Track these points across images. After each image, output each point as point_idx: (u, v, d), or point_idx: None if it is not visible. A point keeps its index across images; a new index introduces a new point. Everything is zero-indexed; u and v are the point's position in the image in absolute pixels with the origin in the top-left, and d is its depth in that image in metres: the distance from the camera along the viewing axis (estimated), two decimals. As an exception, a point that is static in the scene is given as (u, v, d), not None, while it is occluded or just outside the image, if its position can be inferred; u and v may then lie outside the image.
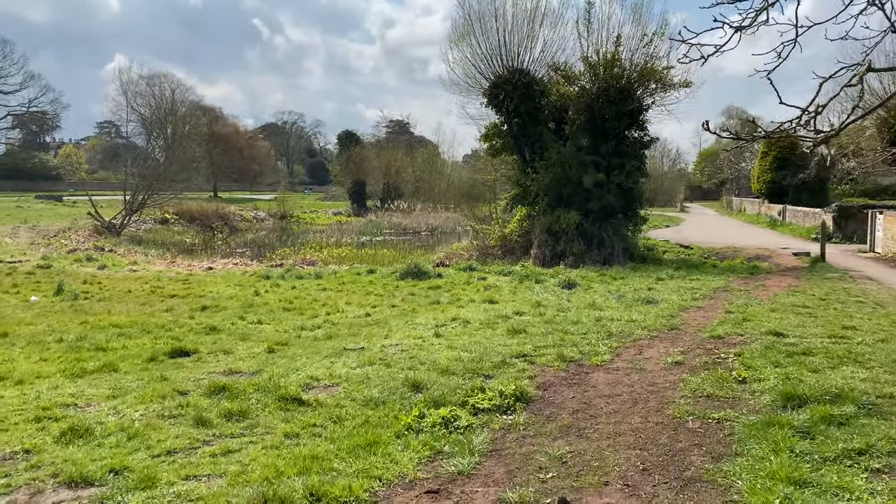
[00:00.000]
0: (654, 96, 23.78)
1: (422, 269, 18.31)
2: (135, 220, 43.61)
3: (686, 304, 12.55)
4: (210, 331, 10.78)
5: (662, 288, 15.27)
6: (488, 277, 18.05)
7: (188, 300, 14.74)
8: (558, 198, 23.83)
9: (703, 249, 27.54)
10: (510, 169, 28.69)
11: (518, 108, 24.17)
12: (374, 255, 29.85)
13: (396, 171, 71.68)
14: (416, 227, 52.98)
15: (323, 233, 46.71)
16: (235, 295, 15.38)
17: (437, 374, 7.15)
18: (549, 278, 17.35)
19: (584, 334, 9.22)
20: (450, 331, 10.01)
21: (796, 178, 45.25)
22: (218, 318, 12.37)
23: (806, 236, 32.24)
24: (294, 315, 12.66)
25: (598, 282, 16.81)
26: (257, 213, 62.08)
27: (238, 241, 42.46)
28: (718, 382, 6.74)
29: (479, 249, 26.94)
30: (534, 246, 24.48)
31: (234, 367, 7.86)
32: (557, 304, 12.36)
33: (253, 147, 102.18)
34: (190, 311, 13.14)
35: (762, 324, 9.70)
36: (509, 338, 9.11)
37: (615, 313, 11.09)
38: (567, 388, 6.76)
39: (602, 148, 23.05)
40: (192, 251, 34.24)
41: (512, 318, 10.98)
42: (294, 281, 18.16)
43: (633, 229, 23.85)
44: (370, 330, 10.69)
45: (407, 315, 12.16)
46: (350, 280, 17.96)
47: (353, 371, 7.43)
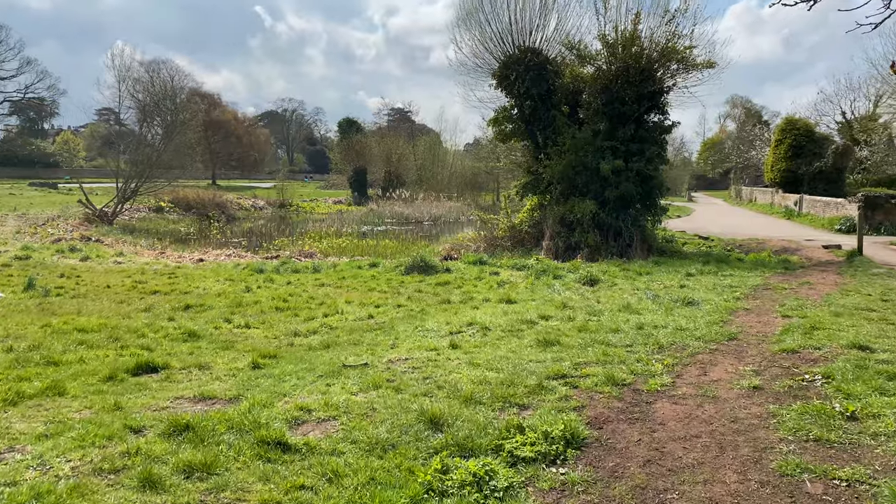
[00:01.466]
0: (675, 78, 22.20)
1: (428, 262, 16.84)
2: (128, 209, 42.19)
3: (731, 305, 11.08)
4: (189, 337, 9.32)
5: (696, 285, 13.80)
6: (501, 272, 16.58)
7: (171, 297, 13.28)
8: (572, 186, 22.34)
9: (724, 241, 26.07)
10: (520, 155, 27.20)
11: (530, 90, 22.64)
12: (375, 247, 28.37)
13: (398, 159, 70.11)
14: (418, 216, 51.44)
15: (323, 222, 45.20)
16: (224, 291, 13.91)
17: (460, 404, 5.68)
18: (567, 273, 15.88)
19: (628, 346, 7.75)
20: (468, 340, 8.54)
21: (812, 166, 43.64)
22: (201, 319, 10.91)
23: (828, 227, 30.73)
24: (287, 317, 11.19)
25: (622, 278, 15.34)
26: (256, 202, 60.53)
27: (235, 230, 40.97)
28: (821, 419, 5.27)
29: (487, 241, 25.44)
30: (546, 237, 22.98)
31: (208, 390, 6.39)
32: (586, 306, 10.87)
33: (252, 134, 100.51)
34: (171, 311, 11.68)
35: (836, 334, 8.22)
36: (541, 351, 7.63)
37: (656, 318, 9.62)
38: (628, 426, 5.30)
39: (620, 133, 21.54)
40: (185, 241, 32.77)
41: (538, 323, 9.50)
42: (289, 275, 16.69)
43: (652, 220, 22.34)
44: (374, 337, 9.22)
45: (415, 318, 10.69)
46: (351, 274, 16.50)
47: (355, 398, 5.97)
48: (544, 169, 22.35)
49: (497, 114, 24.69)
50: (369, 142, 72.25)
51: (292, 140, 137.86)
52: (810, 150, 44.19)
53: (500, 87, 23.71)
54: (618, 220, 21.48)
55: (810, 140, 44.75)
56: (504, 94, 24.05)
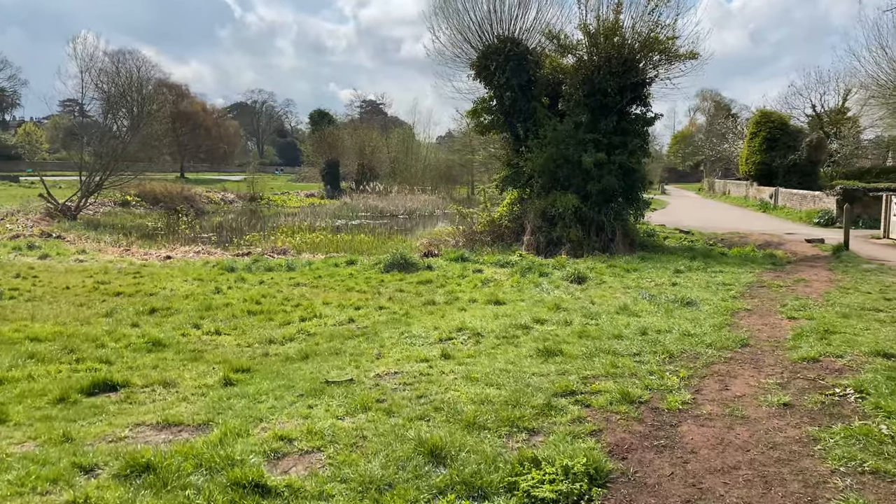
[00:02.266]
0: (657, 69, 21.72)
1: (409, 259, 16.13)
2: (92, 203, 40.69)
3: (730, 305, 10.56)
4: (153, 346, 8.51)
5: (688, 283, 13.30)
6: (485, 269, 15.93)
7: (136, 300, 12.40)
8: (554, 179, 21.77)
9: (705, 235, 25.74)
10: (499, 148, 26.56)
11: (510, 80, 21.98)
12: (350, 242, 27.54)
13: (371, 152, 69.07)
14: (393, 210, 50.63)
15: (295, 216, 44.13)
16: (192, 293, 13.06)
17: (462, 430, 5.01)
18: (553, 270, 15.30)
19: (636, 356, 7.14)
20: (460, 348, 7.87)
21: (787, 159, 43.70)
22: (167, 325, 10.09)
23: (806, 221, 30.61)
24: (261, 321, 10.41)
25: (610, 275, 14.79)
26: (225, 195, 59.14)
27: (204, 224, 39.77)
28: (871, 445, 4.70)
29: (466, 235, 24.76)
30: (527, 232, 22.38)
31: (174, 414, 5.64)
32: (581, 308, 10.26)
33: (221, 126, 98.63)
34: (135, 316, 10.83)
35: (854, 339, 7.71)
36: (542, 362, 6.99)
37: (658, 321, 9.04)
38: (655, 455, 4.67)
39: (602, 125, 20.99)
40: (152, 236, 31.61)
41: (533, 328, 8.86)
42: (262, 274, 15.87)
43: (635, 214, 21.87)
44: (356, 345, 8.50)
45: (400, 322, 9.98)
46: (327, 273, 15.73)
47: (341, 424, 5.26)
48: (525, 162, 21.74)
49: (476, 105, 24.01)
50: (342, 134, 71.09)
51: (262, 132, 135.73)
52: (784, 143, 44.26)
53: (479, 78, 23.01)
54: (600, 215, 20.98)
55: (785, 133, 44.84)
56: (483, 85, 23.36)
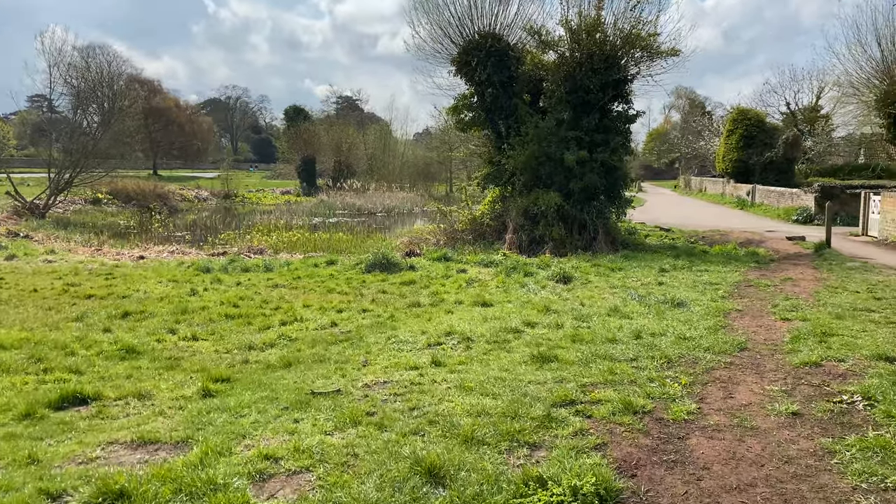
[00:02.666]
0: (639, 65, 21.61)
1: (391, 259, 15.78)
2: (62, 201, 39.74)
3: (720, 306, 10.39)
4: (127, 354, 8.10)
5: (674, 282, 13.14)
6: (468, 269, 15.65)
7: (108, 303, 11.93)
8: (536, 177, 21.58)
9: (685, 233, 25.72)
10: (481, 145, 26.29)
11: (491, 76, 21.73)
12: (329, 241, 27.12)
13: (348, 149, 68.40)
14: (371, 207, 50.18)
15: (271, 214, 43.53)
16: (167, 295, 12.61)
17: (460, 446, 4.72)
18: (537, 270, 15.06)
19: (633, 361, 6.90)
20: (450, 354, 7.57)
21: (763, 157, 43.99)
22: (141, 330, 9.66)
23: (784, 218, 30.76)
24: (239, 325, 10.01)
25: (595, 274, 14.60)
26: (199, 193, 58.23)
27: (178, 223, 39.05)
28: (888, 457, 4.49)
29: (448, 234, 24.48)
30: (509, 230, 22.17)
31: (150, 430, 5.27)
32: (571, 310, 10.01)
33: (195, 122, 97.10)
34: (107, 320, 10.38)
35: (852, 342, 7.55)
36: (537, 368, 6.72)
37: (650, 324, 8.82)
38: (666, 472, 4.41)
39: (584, 122, 20.83)
40: (125, 235, 30.89)
41: (524, 332, 8.59)
42: (239, 275, 15.43)
43: (617, 212, 21.74)
44: (341, 351, 8.16)
45: (385, 325, 9.65)
46: (306, 274, 15.33)
47: (330, 440, 4.93)
48: (507, 160, 21.50)
49: (456, 102, 23.74)
50: (318, 130, 70.34)
51: (236, 128, 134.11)
52: (761, 141, 44.56)
53: (460, 74, 22.74)
54: (582, 213, 20.82)
55: (761, 130, 45.15)
56: (464, 82, 23.10)
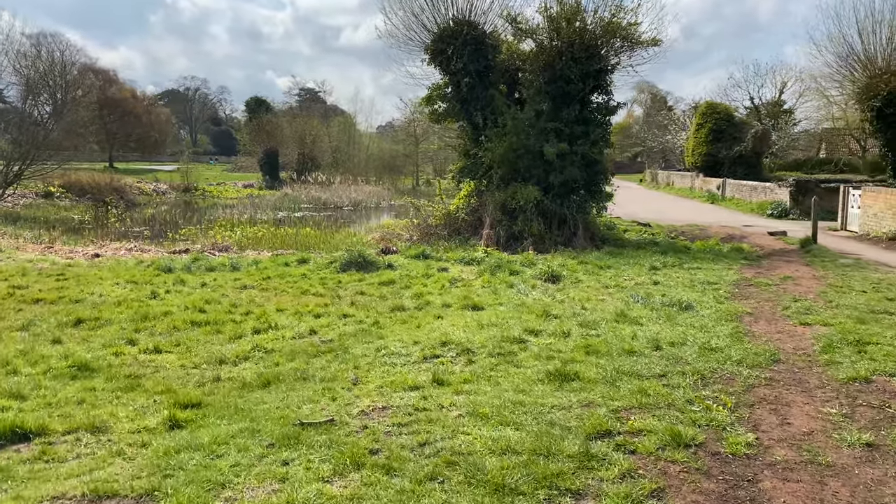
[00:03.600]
0: (619, 56, 20.98)
1: (367, 258, 14.84)
2: (11, 194, 37.81)
3: (728, 308, 9.74)
4: (79, 372, 7.07)
5: (669, 282, 12.50)
6: (450, 268, 14.80)
7: (58, 308, 10.79)
8: (514, 170, 20.82)
9: (663, 227, 25.27)
10: (456, 138, 25.45)
11: (467, 66, 20.85)
12: (296, 236, 26.00)
13: (313, 141, 66.92)
14: (337, 201, 48.97)
15: (233, 208, 42.09)
16: (126, 298, 11.49)
17: (490, 497, 3.88)
18: (522, 268, 14.30)
19: (662, 378, 6.15)
20: (452, 370, 6.72)
21: (732, 150, 43.97)
22: (97, 341, 8.60)
23: (758, 212, 30.57)
24: (208, 334, 9.00)
25: (584, 272, 13.90)
26: (158, 186, 56.27)
27: (136, 217, 37.40)
28: None
29: (421, 229, 23.61)
30: (486, 225, 21.38)
31: (106, 479, 4.30)
32: (573, 314, 9.24)
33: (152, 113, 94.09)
34: (57, 329, 9.29)
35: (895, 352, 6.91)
36: (557, 388, 5.91)
37: (664, 330, 8.09)
38: (748, 530, 3.64)
39: (564, 113, 20.13)
40: (78, 230, 29.30)
41: (528, 341, 7.78)
42: (204, 275, 14.34)
43: (597, 206, 21.10)
44: (325, 366, 7.25)
45: (370, 333, 8.74)
46: (277, 273, 14.30)
47: (330, 489, 4.04)
48: (484, 152, 20.68)
49: (430, 92, 22.86)
50: (280, 122, 68.71)
51: (195, 120, 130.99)
52: (730, 135, 44.54)
53: (434, 63, 21.83)
54: (562, 207, 20.16)
55: (730, 124, 45.14)
56: (438, 71, 22.21)
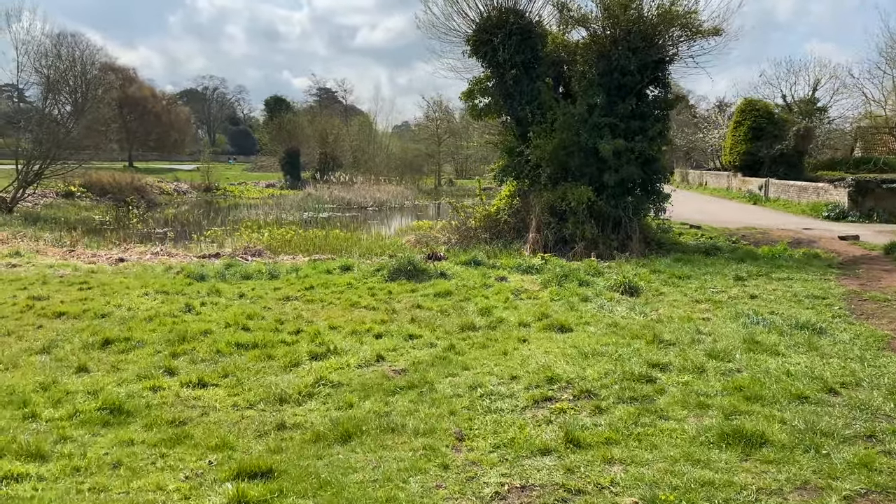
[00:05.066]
0: (677, 46, 19.48)
1: (417, 265, 13.47)
2: (32, 194, 36.88)
3: (863, 330, 8.27)
4: (111, 416, 5.75)
5: (767, 295, 11.04)
6: (508, 277, 13.40)
7: (82, 324, 9.53)
8: (563, 169, 19.41)
9: (716, 230, 23.68)
10: (496, 134, 24.06)
11: (513, 58, 19.44)
12: (325, 238, 24.72)
13: (334, 140, 65.66)
14: (360, 201, 47.68)
15: (257, 209, 40.94)
16: (157, 313, 10.21)
17: None
18: (590, 277, 12.86)
19: (870, 439, 4.74)
20: (581, 422, 5.34)
21: (773, 149, 42.16)
22: (129, 369, 7.31)
23: (812, 214, 28.87)
24: (258, 360, 7.67)
25: (660, 282, 12.47)
26: (178, 186, 55.32)
27: (157, 217, 36.33)
28: None
29: (460, 232, 22.23)
30: (531, 228, 19.96)
31: None
32: (691, 341, 7.80)
33: (172, 113, 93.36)
34: (82, 352, 8.01)
35: None
36: (744, 457, 4.44)
37: (818, 364, 6.67)
38: None
39: (619, 108, 18.64)
40: (100, 231, 28.24)
41: (658, 379, 6.37)
42: (240, 283, 13.06)
43: (655, 208, 19.60)
44: (412, 408, 5.88)
45: (450, 362, 7.35)
46: (320, 282, 12.97)
47: None
48: (533, 150, 19.23)
49: (471, 86, 21.46)
50: (301, 121, 67.58)
51: (213, 120, 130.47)
52: (771, 133, 42.70)
53: (476, 55, 20.42)
54: (617, 209, 18.72)
55: (770, 122, 43.28)
56: (480, 64, 20.82)
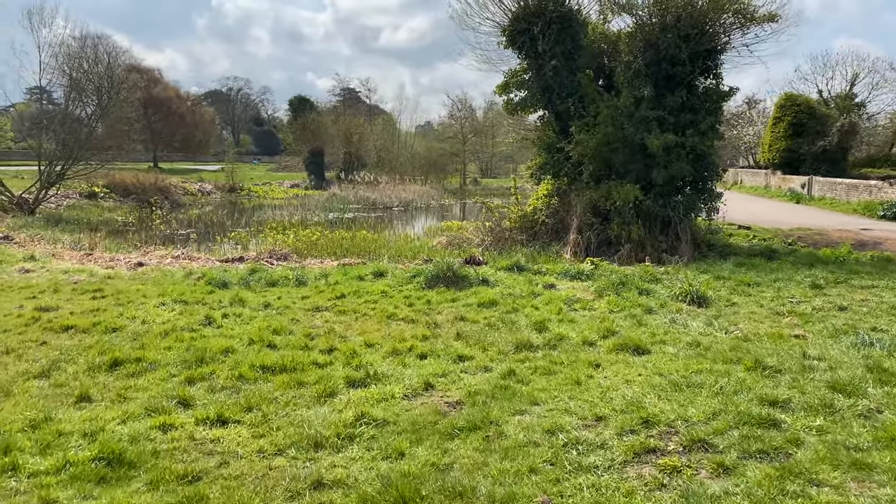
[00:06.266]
0: (729, 34, 18.09)
1: (457, 272, 12.31)
2: (55, 195, 36.27)
3: None
4: (109, 469, 4.66)
5: (858, 307, 9.72)
6: (556, 284, 12.19)
7: (91, 340, 8.51)
8: (607, 166, 18.17)
9: (768, 231, 22.24)
10: (533, 130, 22.84)
11: (553, 48, 18.22)
12: (352, 239, 23.67)
13: (358, 139, 64.70)
14: (386, 201, 46.65)
15: (282, 209, 40.05)
16: (174, 327, 9.16)
17: None
18: (647, 284, 11.63)
19: None
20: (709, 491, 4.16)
21: (815, 146, 40.41)
22: (137, 399, 6.25)
23: (864, 213, 27.27)
24: (286, 388, 6.56)
25: (728, 291, 11.20)
26: (202, 186, 54.69)
27: (181, 218, 35.59)
28: None
29: (494, 234, 21.03)
30: (572, 229, 18.73)
31: None
32: (800, 366, 6.55)
33: (196, 113, 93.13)
34: (86, 375, 6.98)
35: None
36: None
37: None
38: None
39: (669, 100, 17.31)
40: (122, 232, 27.49)
41: (783, 423, 5.14)
42: (265, 291, 12.00)
43: (707, 208, 18.23)
44: (480, 460, 4.74)
45: (513, 393, 6.17)
46: (351, 290, 11.86)
47: None
48: (575, 146, 17.98)
49: (506, 79, 20.24)
50: (325, 121, 66.73)
51: (238, 120, 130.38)
52: (812, 129, 40.99)
53: (513, 45, 19.25)
54: (665, 209, 17.41)
55: (812, 117, 41.56)
56: (516, 55, 19.63)
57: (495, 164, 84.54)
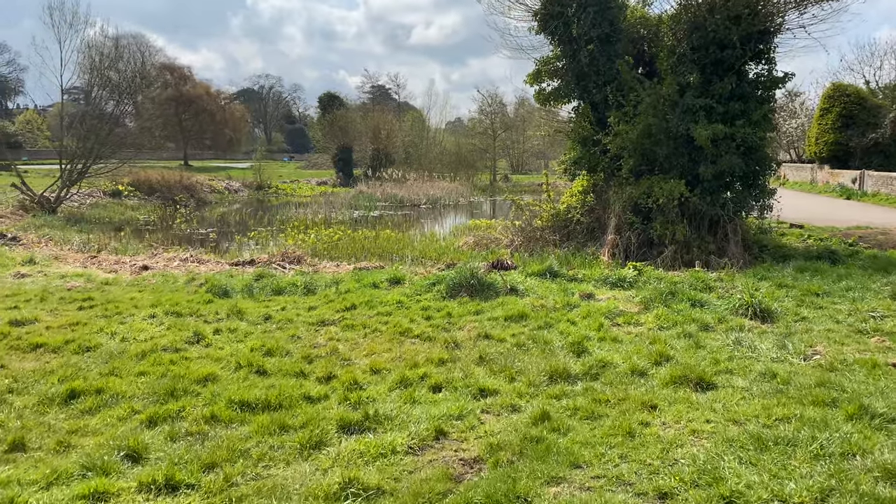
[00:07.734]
0: (784, 14, 16.41)
1: (481, 278, 10.95)
2: (78, 193, 35.73)
3: None
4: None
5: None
6: (595, 293, 10.77)
7: (57, 363, 7.37)
8: (648, 160, 16.68)
9: (823, 230, 20.49)
10: (566, 122, 21.39)
11: (589, 32, 16.77)
12: (375, 239, 22.52)
13: (387, 136, 63.56)
14: (413, 199, 45.43)
15: (307, 207, 39.09)
16: (155, 346, 7.97)
17: None
18: (702, 294, 10.17)
19: None
20: None
21: (866, 138, 38.13)
22: (80, 449, 5.04)
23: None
24: (264, 436, 5.28)
25: (792, 301, 9.70)
26: (230, 184, 54.04)
27: (205, 217, 34.86)
28: None
29: (525, 233, 19.64)
30: (609, 229, 17.28)
31: None
32: None
33: (227, 111, 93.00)
34: (33, 412, 5.82)
35: None
36: None
37: None
38: None
39: (717, 87, 15.71)
40: (141, 232, 26.70)
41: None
42: (269, 301, 10.79)
43: (759, 206, 16.58)
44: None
45: (546, 449, 4.82)
46: (363, 299, 10.59)
47: None
48: (613, 138, 16.49)
49: (538, 66, 18.79)
50: (353, 117, 65.75)
51: (269, 118, 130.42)
52: (863, 120, 38.64)
53: (545, 30, 17.83)
54: (714, 207, 15.83)
55: (863, 108, 39.19)
56: (548, 41, 18.22)
57: (526, 160, 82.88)
